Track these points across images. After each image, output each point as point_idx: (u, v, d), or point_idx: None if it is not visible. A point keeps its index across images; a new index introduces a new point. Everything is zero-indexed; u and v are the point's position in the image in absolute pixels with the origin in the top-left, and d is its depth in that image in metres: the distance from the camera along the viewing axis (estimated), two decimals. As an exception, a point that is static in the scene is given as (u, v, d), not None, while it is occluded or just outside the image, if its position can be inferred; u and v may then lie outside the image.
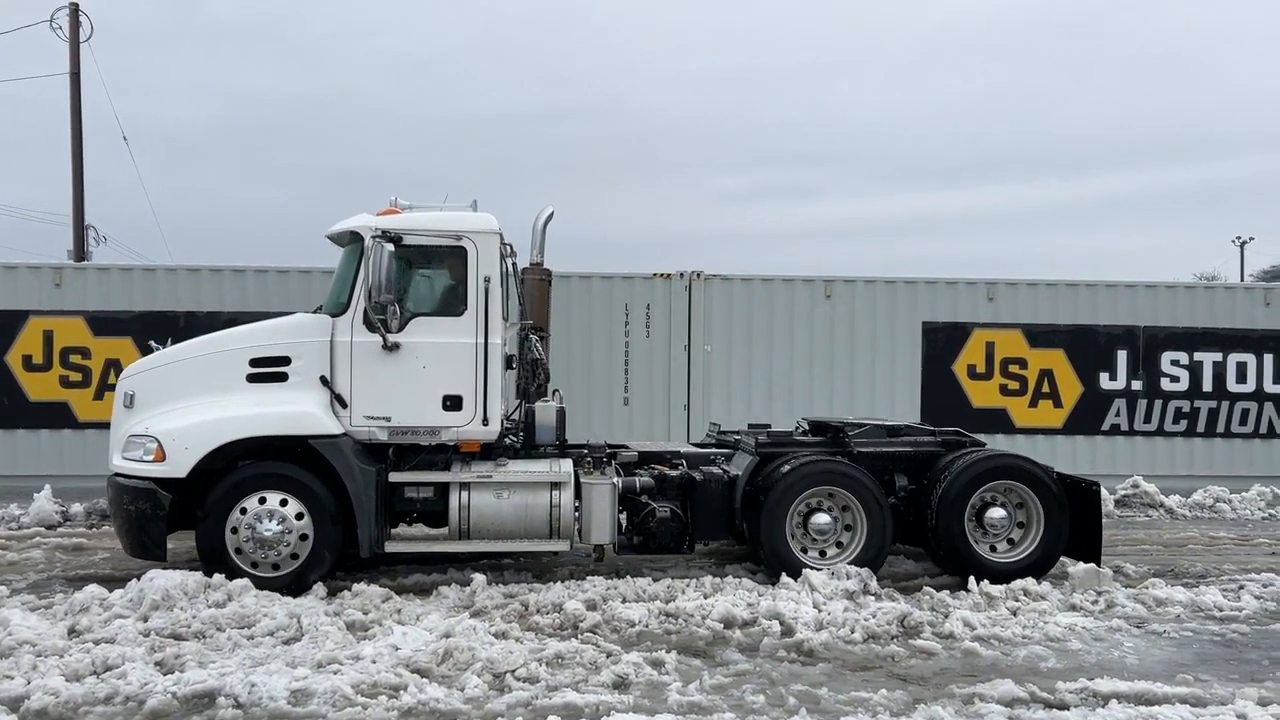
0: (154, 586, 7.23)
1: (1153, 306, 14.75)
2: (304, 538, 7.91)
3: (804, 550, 8.48)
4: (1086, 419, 14.43)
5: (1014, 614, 7.52)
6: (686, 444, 9.99)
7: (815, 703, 5.69)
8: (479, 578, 7.84)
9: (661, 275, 13.81)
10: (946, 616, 7.31)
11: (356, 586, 7.73)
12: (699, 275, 13.89)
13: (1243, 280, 45.72)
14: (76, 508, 11.84)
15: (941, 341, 14.41)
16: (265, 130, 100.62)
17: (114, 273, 13.57)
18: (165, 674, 5.88)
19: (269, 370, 8.14)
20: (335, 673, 5.85)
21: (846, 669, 6.36)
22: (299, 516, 7.90)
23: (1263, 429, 14.91)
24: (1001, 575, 8.30)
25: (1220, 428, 14.85)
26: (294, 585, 7.77)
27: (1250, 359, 14.89)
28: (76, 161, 22.63)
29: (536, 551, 8.60)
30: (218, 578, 7.49)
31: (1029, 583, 8.06)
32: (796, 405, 13.85)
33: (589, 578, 7.98)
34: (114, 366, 13.04)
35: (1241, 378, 14.90)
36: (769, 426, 10.07)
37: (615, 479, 8.49)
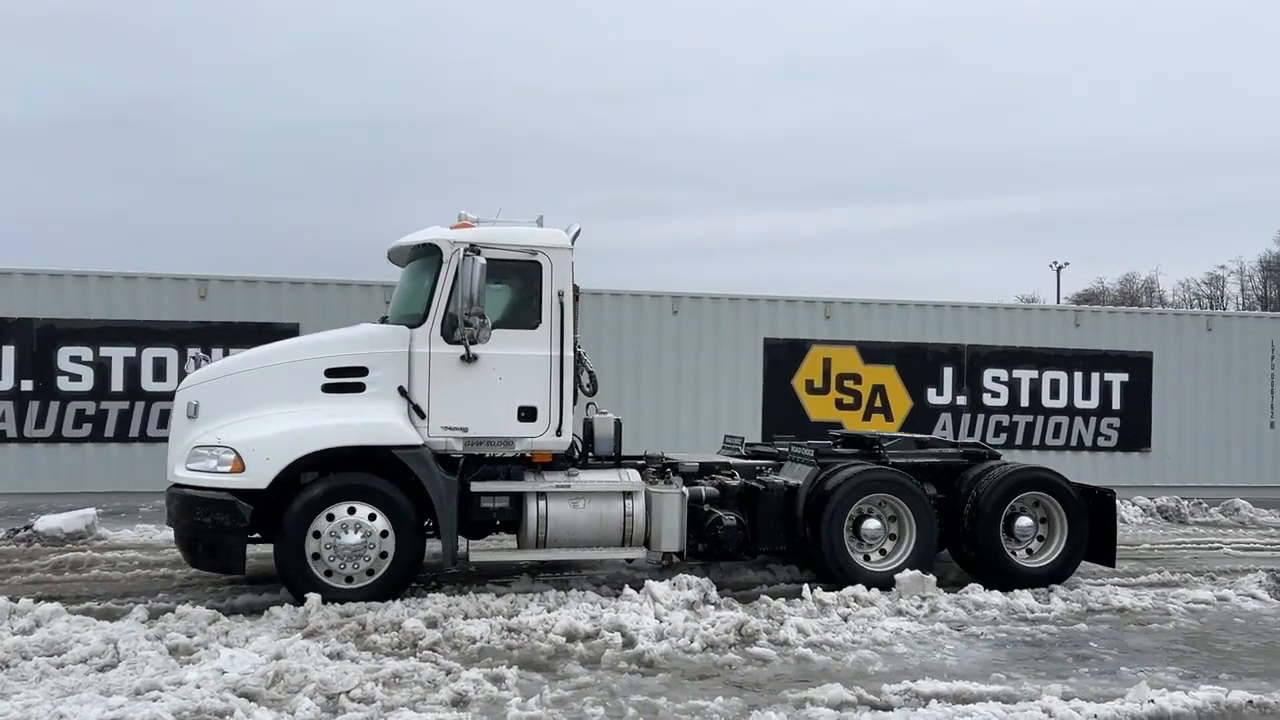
0: (-50, 614, 6.69)
1: (975, 326, 15.70)
2: (384, 548, 7.83)
3: (866, 558, 8.89)
4: (915, 431, 15.17)
5: (845, 620, 7.81)
6: (724, 455, 10.28)
7: (654, 713, 5.76)
8: (313, 597, 7.59)
9: None
10: (782, 624, 7.52)
11: (181, 609, 7.35)
12: (548, 289, 13.90)
13: (1058, 302, 49.10)
14: None
15: (782, 357, 14.92)
16: (93, 129, 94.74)
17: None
18: (-39, 708, 5.44)
19: (346, 380, 8.04)
20: (155, 700, 5.53)
21: (685, 678, 6.46)
22: (371, 518, 7.80)
23: (1073, 442, 16.06)
24: (1031, 580, 8.87)
25: (1036, 440, 15.92)
26: (380, 596, 7.69)
27: (1062, 376, 16.04)
28: None
29: (607, 560, 8.90)
30: (24, 603, 7.03)
31: (859, 590, 8.40)
32: (643, 417, 14.03)
33: (429, 595, 7.87)
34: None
35: (1054, 394, 16.03)
36: (793, 437, 10.46)
37: (683, 489, 8.72)
